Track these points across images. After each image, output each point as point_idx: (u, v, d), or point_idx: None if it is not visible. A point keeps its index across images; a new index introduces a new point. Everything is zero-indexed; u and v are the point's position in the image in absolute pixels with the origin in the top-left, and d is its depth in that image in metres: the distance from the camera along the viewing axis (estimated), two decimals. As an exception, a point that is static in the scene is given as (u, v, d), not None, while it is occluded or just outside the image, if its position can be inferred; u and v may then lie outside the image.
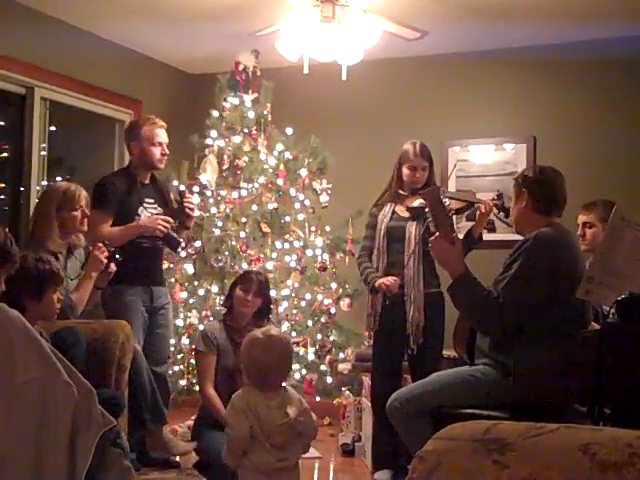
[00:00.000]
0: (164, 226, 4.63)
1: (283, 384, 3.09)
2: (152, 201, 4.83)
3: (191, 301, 5.89)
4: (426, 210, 3.53)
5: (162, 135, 4.81)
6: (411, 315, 4.48)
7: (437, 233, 3.44)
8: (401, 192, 4.65)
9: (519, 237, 3.64)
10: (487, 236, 5.97)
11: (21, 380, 2.49)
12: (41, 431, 2.46)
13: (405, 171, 4.62)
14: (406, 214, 4.60)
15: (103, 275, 4.40)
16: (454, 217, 4.73)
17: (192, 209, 4.89)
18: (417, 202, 4.50)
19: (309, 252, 5.93)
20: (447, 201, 4.25)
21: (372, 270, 4.61)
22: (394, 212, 4.64)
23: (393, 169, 4.70)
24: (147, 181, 4.86)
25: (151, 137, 4.76)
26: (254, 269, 5.35)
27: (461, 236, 4.21)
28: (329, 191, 5.95)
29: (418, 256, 4.50)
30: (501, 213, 4.32)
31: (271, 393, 3.01)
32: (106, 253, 4.33)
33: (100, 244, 4.33)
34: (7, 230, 3.08)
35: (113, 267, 4.39)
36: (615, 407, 3.15)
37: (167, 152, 4.83)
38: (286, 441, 2.97)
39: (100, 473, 2.50)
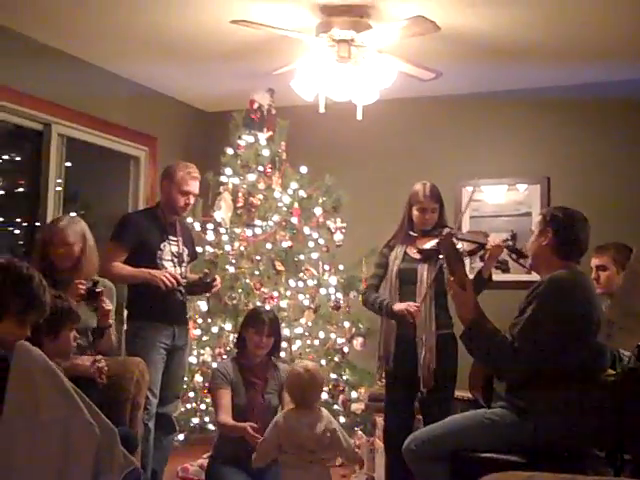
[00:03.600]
0: (170, 281, 4.56)
1: (318, 406, 3.92)
2: (175, 239, 4.83)
3: (204, 338, 5.87)
4: (440, 256, 3.53)
5: (192, 185, 4.81)
6: (422, 357, 4.45)
7: (452, 278, 3.44)
8: (412, 233, 4.64)
9: (533, 277, 3.63)
10: (501, 277, 6.00)
11: (45, 419, 2.48)
12: (64, 471, 2.44)
13: (415, 212, 4.60)
14: (417, 256, 4.57)
15: (100, 313, 4.23)
16: (468, 259, 4.72)
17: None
18: (429, 244, 4.48)
19: (323, 291, 5.91)
20: (460, 245, 4.25)
21: (385, 297, 4.60)
22: (405, 253, 4.62)
23: (404, 210, 4.70)
24: (172, 219, 4.87)
25: (180, 184, 4.76)
26: (262, 307, 5.27)
27: (471, 276, 4.20)
28: (343, 230, 5.95)
29: (430, 298, 4.48)
30: (513, 255, 4.28)
31: (307, 412, 3.81)
32: (82, 289, 4.12)
33: (80, 281, 4.13)
34: (42, 277, 3.08)
35: (107, 306, 4.20)
36: (636, 453, 3.12)
37: (191, 202, 4.85)
38: (315, 449, 3.74)
39: (122, 514, 2.48)
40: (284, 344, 5.40)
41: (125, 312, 4.83)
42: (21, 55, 5.45)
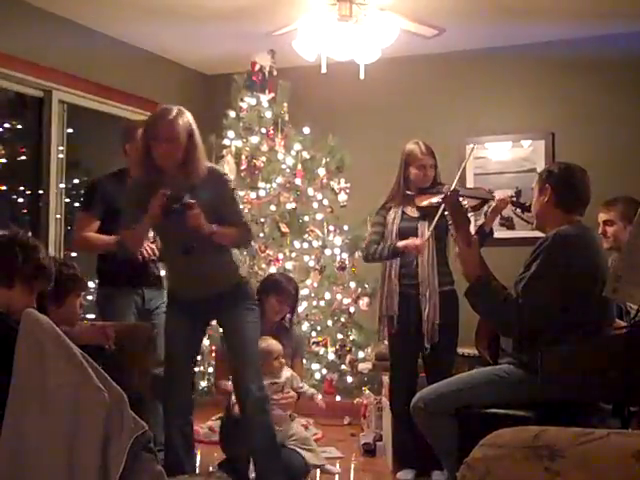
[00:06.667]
0: (147, 253, 4.36)
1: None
2: None
3: (211, 301, 5.88)
4: (446, 214, 3.51)
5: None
6: (426, 313, 4.47)
7: (457, 235, 3.44)
8: (409, 193, 4.63)
9: (537, 234, 3.62)
10: (506, 233, 6.00)
11: (53, 385, 2.49)
12: (73, 437, 2.45)
13: (413, 171, 4.57)
14: (416, 214, 4.57)
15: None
16: (472, 215, 4.71)
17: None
18: (427, 201, 4.47)
19: (328, 252, 5.93)
20: (465, 202, 4.24)
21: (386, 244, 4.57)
22: (404, 213, 4.62)
23: (398, 171, 4.67)
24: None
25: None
26: (282, 275, 5.10)
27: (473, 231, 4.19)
28: (347, 190, 5.95)
29: (431, 255, 4.49)
30: (518, 209, 4.27)
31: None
32: (159, 203, 3.61)
33: (164, 192, 3.61)
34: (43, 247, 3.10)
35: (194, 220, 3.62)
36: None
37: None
38: None
39: (132, 478, 2.50)
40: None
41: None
42: (20, 21, 5.41)
